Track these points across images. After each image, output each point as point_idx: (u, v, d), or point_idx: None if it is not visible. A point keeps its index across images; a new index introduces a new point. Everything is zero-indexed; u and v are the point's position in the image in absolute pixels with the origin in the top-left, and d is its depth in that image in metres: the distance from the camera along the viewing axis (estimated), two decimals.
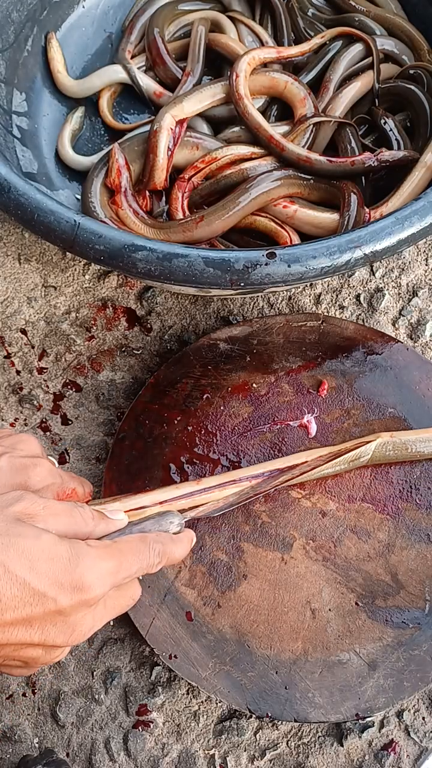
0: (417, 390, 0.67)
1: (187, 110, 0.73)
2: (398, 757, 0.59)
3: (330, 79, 0.75)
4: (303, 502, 0.64)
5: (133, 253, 0.56)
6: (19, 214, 0.60)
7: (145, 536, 0.47)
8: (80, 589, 0.40)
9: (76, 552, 0.41)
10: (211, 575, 0.61)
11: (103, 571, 0.42)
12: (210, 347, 0.69)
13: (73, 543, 0.41)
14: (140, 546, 0.46)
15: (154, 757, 0.60)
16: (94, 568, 0.41)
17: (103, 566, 0.42)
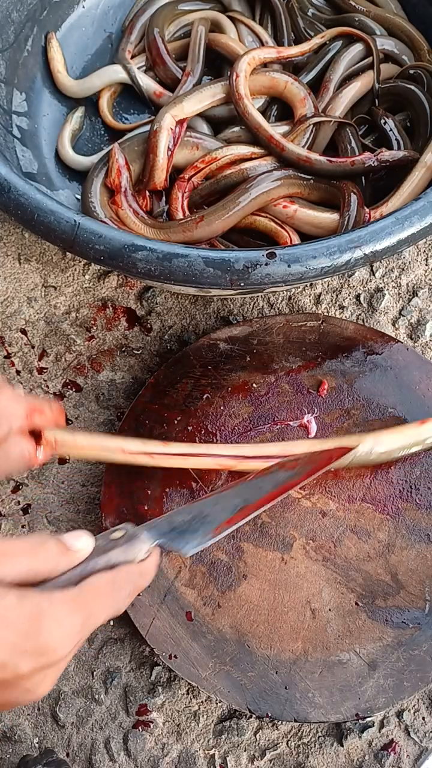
0: (417, 390, 0.67)
1: (187, 110, 0.73)
2: (398, 757, 0.59)
3: (330, 79, 0.76)
4: (303, 502, 0.64)
5: (133, 253, 0.56)
6: (19, 214, 0.60)
7: (114, 578, 0.43)
8: (44, 654, 0.37)
9: (38, 612, 0.37)
10: (211, 575, 0.61)
11: (68, 630, 0.38)
12: (210, 347, 0.69)
13: (34, 601, 0.37)
14: (109, 591, 0.42)
15: (154, 757, 0.60)
16: (58, 628, 0.37)
17: (68, 624, 0.38)
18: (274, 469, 0.59)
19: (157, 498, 0.64)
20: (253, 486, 0.57)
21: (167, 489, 0.64)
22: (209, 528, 0.53)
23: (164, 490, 0.64)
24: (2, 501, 0.69)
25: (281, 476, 0.58)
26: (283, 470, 0.58)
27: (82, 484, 0.69)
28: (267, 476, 0.58)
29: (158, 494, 0.64)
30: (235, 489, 0.57)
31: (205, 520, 0.54)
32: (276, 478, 0.57)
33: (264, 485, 0.57)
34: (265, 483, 0.57)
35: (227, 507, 0.55)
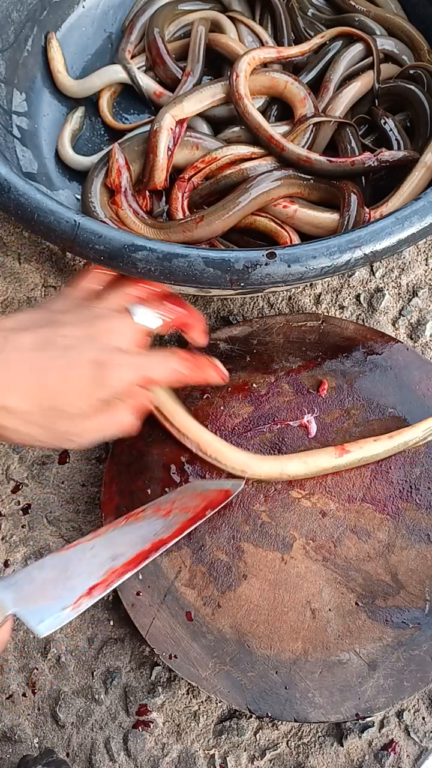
0: (417, 390, 0.67)
1: (187, 110, 0.73)
2: (398, 757, 0.59)
3: (330, 79, 0.75)
4: (303, 502, 0.64)
5: (133, 253, 0.56)
6: (19, 214, 0.60)
7: None
8: None
9: None
10: (211, 575, 0.61)
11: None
12: (210, 347, 0.69)
13: None
14: None
15: (154, 757, 0.60)
16: None
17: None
18: (147, 513, 0.57)
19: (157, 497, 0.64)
20: (125, 535, 0.54)
21: (167, 489, 0.64)
22: (69, 598, 0.50)
23: (164, 490, 0.64)
24: (2, 501, 0.69)
25: (154, 526, 0.55)
26: (156, 516, 0.57)
27: (82, 484, 0.69)
28: (139, 523, 0.56)
29: (158, 494, 0.64)
30: (105, 537, 0.54)
31: (67, 583, 0.51)
32: (150, 526, 0.55)
33: (135, 536, 0.54)
34: (136, 533, 0.55)
35: (92, 566, 0.52)
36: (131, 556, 0.53)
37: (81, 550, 0.53)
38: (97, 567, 0.52)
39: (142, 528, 0.56)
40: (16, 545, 0.67)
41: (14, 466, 0.70)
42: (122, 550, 0.53)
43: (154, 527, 0.56)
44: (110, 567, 0.52)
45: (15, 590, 0.49)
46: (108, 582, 0.52)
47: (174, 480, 0.64)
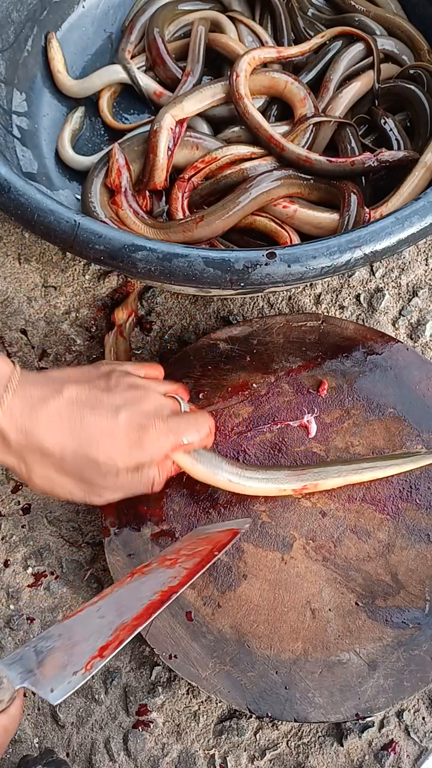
0: (417, 390, 0.67)
1: (187, 110, 0.73)
2: (398, 757, 0.59)
3: (330, 79, 0.75)
4: (303, 502, 0.64)
5: (133, 253, 0.56)
6: (19, 214, 0.60)
7: None
8: None
9: None
10: (211, 575, 0.61)
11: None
12: (210, 347, 0.69)
13: None
14: None
15: (154, 757, 0.60)
16: None
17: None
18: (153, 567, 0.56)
19: (157, 498, 0.64)
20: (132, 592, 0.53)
21: (167, 489, 0.64)
22: (80, 662, 0.48)
23: (164, 491, 0.64)
24: (2, 501, 0.69)
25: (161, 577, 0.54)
26: (162, 567, 0.55)
27: None
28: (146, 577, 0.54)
29: (158, 494, 0.64)
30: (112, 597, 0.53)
31: (75, 648, 0.49)
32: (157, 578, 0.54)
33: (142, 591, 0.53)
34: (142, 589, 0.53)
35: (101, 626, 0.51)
36: (140, 610, 0.52)
37: (87, 614, 0.52)
38: (106, 627, 0.51)
39: (149, 581, 0.55)
40: (16, 545, 0.67)
41: None
42: (130, 606, 0.52)
43: (162, 578, 0.55)
44: (119, 624, 0.51)
45: (21, 665, 0.48)
46: (119, 639, 0.50)
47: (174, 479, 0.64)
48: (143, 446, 0.53)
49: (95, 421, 0.52)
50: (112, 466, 0.52)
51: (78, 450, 0.51)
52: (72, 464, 0.52)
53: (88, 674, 0.48)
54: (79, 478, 0.53)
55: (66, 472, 0.52)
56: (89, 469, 0.52)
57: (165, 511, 0.63)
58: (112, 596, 0.53)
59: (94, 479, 0.53)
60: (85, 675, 0.48)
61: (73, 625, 0.51)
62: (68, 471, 0.52)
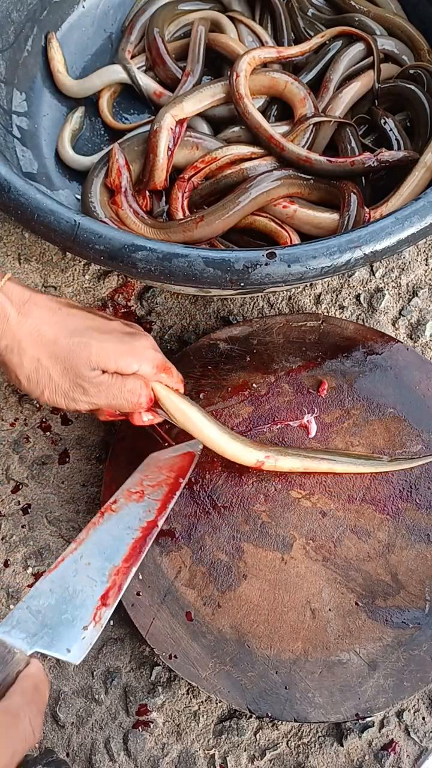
0: (417, 390, 0.67)
1: (187, 110, 0.73)
2: (398, 757, 0.59)
3: (330, 79, 0.75)
4: (303, 502, 0.64)
5: (133, 253, 0.56)
6: (19, 214, 0.60)
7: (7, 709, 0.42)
8: None
9: None
10: (211, 575, 0.61)
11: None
12: (210, 347, 0.69)
13: None
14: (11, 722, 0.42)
15: (154, 757, 0.60)
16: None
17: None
18: (120, 505, 0.55)
19: None
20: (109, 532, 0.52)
21: None
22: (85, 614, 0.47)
23: None
24: (2, 501, 0.69)
25: (134, 512, 0.54)
26: (131, 502, 0.55)
27: (82, 484, 0.69)
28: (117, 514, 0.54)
29: None
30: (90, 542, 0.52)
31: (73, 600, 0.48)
32: (130, 514, 0.53)
33: (120, 530, 0.52)
34: (119, 527, 0.53)
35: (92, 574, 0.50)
36: (128, 551, 0.52)
37: (72, 563, 0.51)
38: (98, 574, 0.50)
39: (123, 518, 0.54)
40: (16, 545, 0.67)
41: (14, 466, 0.70)
42: (114, 547, 0.52)
43: (135, 513, 0.55)
44: (111, 568, 0.51)
45: (23, 629, 0.46)
46: (117, 584, 0.50)
47: None
48: (134, 350, 0.55)
49: (92, 320, 0.55)
50: (102, 359, 0.54)
51: (73, 336, 0.53)
52: (64, 349, 0.53)
53: (100, 626, 0.47)
54: (67, 368, 0.54)
55: (56, 358, 0.53)
56: (79, 358, 0.53)
57: None
58: (89, 541, 0.53)
59: (80, 370, 0.54)
60: (96, 628, 0.47)
61: (60, 577, 0.50)
62: (58, 357, 0.53)
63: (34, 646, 0.46)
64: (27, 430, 0.71)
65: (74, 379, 0.54)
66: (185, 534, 0.63)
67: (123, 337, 0.56)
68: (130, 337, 0.56)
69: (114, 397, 0.56)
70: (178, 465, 0.60)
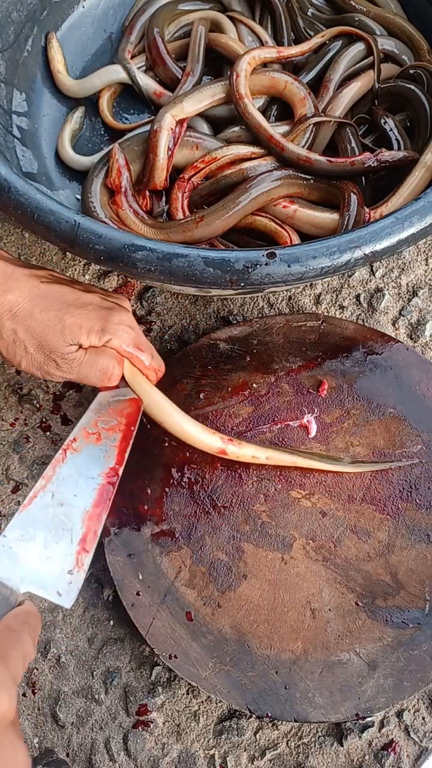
0: (417, 390, 0.67)
1: (187, 110, 0.73)
2: (398, 757, 0.59)
3: (330, 79, 0.75)
4: (303, 502, 0.64)
5: (133, 253, 0.56)
6: (19, 214, 0.60)
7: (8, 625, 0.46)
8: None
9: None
10: (211, 575, 0.61)
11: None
12: (210, 347, 0.69)
13: None
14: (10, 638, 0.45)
15: (154, 757, 0.60)
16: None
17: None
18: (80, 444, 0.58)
19: (157, 498, 0.64)
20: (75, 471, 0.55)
21: (167, 489, 0.64)
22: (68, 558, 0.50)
23: (164, 490, 0.64)
24: (2, 501, 0.69)
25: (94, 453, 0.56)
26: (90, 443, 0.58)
27: None
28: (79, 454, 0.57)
29: (158, 494, 0.64)
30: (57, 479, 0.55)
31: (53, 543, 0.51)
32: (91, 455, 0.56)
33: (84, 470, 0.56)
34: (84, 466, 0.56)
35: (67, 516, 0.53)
36: (96, 496, 0.54)
37: (43, 501, 0.53)
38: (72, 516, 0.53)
39: (86, 458, 0.57)
40: None
41: (14, 466, 0.70)
42: (81, 487, 0.54)
43: (96, 455, 0.57)
44: (84, 512, 0.53)
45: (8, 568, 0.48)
46: (92, 530, 0.52)
47: (173, 477, 0.64)
48: (108, 326, 0.56)
49: (69, 294, 0.57)
50: (75, 334, 0.55)
51: (48, 311, 0.55)
52: (39, 324, 0.55)
53: (83, 572, 0.49)
54: (42, 343, 0.55)
55: (31, 332, 0.55)
56: (53, 333, 0.55)
57: (165, 511, 0.63)
58: (57, 478, 0.55)
59: (54, 346, 0.55)
60: (80, 573, 0.49)
61: (36, 516, 0.52)
62: (34, 331, 0.55)
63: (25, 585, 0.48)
64: (27, 430, 0.71)
65: (48, 354, 0.56)
66: (185, 534, 0.63)
67: (99, 311, 0.57)
68: (107, 312, 0.57)
69: (86, 375, 0.57)
70: (127, 411, 0.61)
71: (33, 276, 0.57)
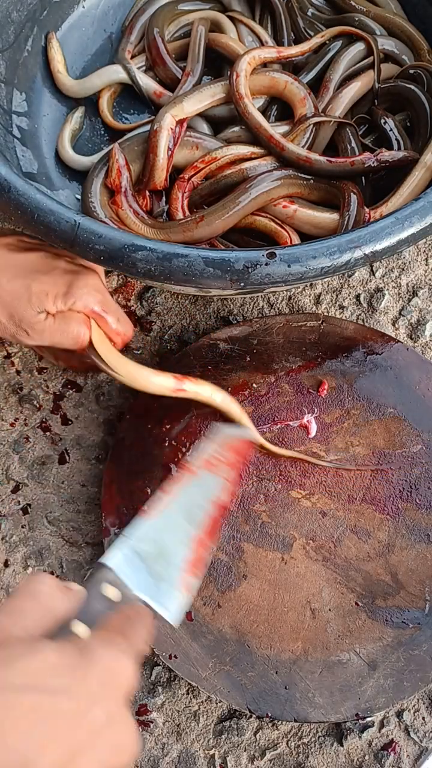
0: (417, 390, 0.67)
1: (187, 110, 0.73)
2: (398, 757, 0.59)
3: (330, 79, 0.75)
4: (303, 502, 0.64)
5: (133, 253, 0.56)
6: (19, 214, 0.60)
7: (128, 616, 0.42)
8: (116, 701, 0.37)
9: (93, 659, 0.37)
10: (211, 575, 0.61)
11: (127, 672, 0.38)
12: (210, 347, 0.69)
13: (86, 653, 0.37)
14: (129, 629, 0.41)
15: (154, 757, 0.60)
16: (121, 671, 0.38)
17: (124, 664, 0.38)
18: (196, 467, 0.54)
19: None
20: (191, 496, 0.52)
21: None
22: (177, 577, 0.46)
23: None
24: (2, 501, 0.69)
25: (208, 482, 0.52)
26: (206, 471, 0.53)
27: (82, 484, 0.69)
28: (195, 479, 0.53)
29: None
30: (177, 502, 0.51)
31: (166, 558, 0.47)
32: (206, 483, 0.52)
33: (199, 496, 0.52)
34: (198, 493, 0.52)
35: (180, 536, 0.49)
36: (204, 523, 0.50)
37: (165, 518, 0.49)
38: (185, 537, 0.49)
39: (201, 486, 0.53)
40: (16, 545, 0.67)
41: (14, 466, 0.70)
42: (196, 515, 0.50)
43: (210, 484, 0.53)
44: (194, 536, 0.49)
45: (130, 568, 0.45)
46: (201, 557, 0.48)
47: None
48: (72, 290, 0.56)
49: (36, 259, 0.57)
50: (42, 300, 0.56)
51: (15, 279, 0.55)
52: (7, 293, 0.55)
53: (190, 596, 0.46)
54: (11, 312, 0.56)
55: (1, 300, 0.55)
56: (20, 301, 0.55)
57: None
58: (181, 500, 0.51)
59: (23, 314, 0.56)
60: (188, 597, 0.46)
61: (158, 528, 0.48)
62: (3, 299, 0.56)
63: (140, 591, 0.44)
64: (27, 430, 0.71)
65: (18, 323, 0.56)
66: None
67: (64, 276, 0.57)
68: (72, 275, 0.57)
69: (57, 341, 0.58)
70: (243, 450, 0.58)
71: (1, 246, 0.57)
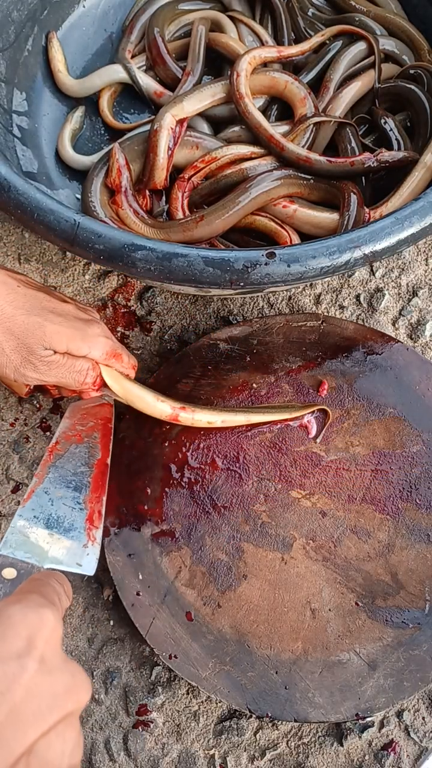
0: (417, 390, 0.67)
1: (187, 110, 0.73)
2: (398, 757, 0.59)
3: (330, 79, 0.75)
4: (303, 502, 0.64)
5: (133, 253, 0.56)
6: (19, 213, 0.60)
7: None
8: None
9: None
10: (211, 575, 0.61)
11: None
12: (210, 347, 0.69)
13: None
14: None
15: (154, 757, 0.60)
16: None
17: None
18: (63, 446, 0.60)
19: (157, 498, 0.64)
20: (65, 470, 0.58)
21: (167, 489, 0.64)
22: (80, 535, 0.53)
23: (164, 490, 0.64)
24: (2, 501, 0.69)
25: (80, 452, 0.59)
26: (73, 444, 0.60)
27: None
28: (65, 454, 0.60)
29: (158, 494, 0.64)
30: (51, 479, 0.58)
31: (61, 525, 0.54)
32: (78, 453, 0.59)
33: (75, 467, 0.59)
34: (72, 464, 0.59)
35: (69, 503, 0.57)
36: (91, 483, 0.57)
37: (43, 495, 0.56)
38: (73, 502, 0.56)
39: (73, 457, 0.59)
40: None
41: (14, 466, 0.70)
42: (76, 481, 0.57)
43: (82, 453, 0.60)
44: (83, 497, 0.56)
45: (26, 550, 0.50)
46: (96, 510, 0.55)
47: (174, 477, 0.64)
48: (86, 336, 0.58)
49: (48, 301, 0.58)
50: (55, 340, 0.56)
51: (30, 315, 0.56)
52: (20, 326, 0.56)
53: (98, 544, 0.53)
54: (20, 344, 0.56)
55: (11, 333, 0.56)
56: (33, 337, 0.56)
57: (165, 511, 0.63)
58: (50, 477, 0.58)
59: (33, 348, 0.56)
60: (96, 545, 0.52)
61: (39, 506, 0.55)
62: (13, 333, 0.56)
63: (46, 563, 0.49)
64: (27, 430, 0.71)
65: (26, 356, 0.57)
66: (185, 534, 0.63)
67: (76, 322, 0.58)
68: (84, 323, 0.59)
69: (62, 376, 0.59)
70: (101, 414, 0.64)
71: (10, 277, 0.58)
